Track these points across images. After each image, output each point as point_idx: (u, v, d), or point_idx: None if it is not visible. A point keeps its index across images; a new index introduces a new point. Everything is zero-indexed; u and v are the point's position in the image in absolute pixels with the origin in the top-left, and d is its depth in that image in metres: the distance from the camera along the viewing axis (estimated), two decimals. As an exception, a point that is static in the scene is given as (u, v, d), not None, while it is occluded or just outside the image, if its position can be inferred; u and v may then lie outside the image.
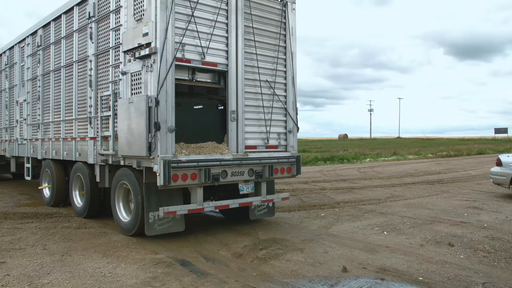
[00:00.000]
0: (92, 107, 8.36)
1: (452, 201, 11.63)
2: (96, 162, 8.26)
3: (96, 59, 8.29)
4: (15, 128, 12.74)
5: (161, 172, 6.30)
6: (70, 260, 6.13)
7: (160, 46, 6.37)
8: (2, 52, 13.86)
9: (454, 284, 5.27)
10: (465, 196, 12.56)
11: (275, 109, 7.96)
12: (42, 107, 10.81)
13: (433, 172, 20.58)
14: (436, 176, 18.49)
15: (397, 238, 7.55)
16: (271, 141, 7.91)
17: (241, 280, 5.32)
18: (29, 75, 11.60)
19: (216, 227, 8.35)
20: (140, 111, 6.58)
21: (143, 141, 6.53)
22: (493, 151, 39.13)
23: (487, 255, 6.51)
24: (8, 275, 5.48)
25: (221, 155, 7.04)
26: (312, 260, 6.19)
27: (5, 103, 13.63)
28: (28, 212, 9.83)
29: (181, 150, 6.66)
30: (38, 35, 10.88)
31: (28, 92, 11.66)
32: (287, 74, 8.18)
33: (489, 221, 8.98)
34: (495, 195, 12.84)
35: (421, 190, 14.12)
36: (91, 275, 5.47)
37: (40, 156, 10.95)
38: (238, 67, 7.37)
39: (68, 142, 9.44)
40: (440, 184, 15.63)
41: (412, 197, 12.44)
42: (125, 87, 7.19)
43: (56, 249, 6.72)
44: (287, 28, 8.15)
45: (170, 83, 6.47)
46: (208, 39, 6.97)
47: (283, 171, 8.02)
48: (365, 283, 5.27)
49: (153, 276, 5.45)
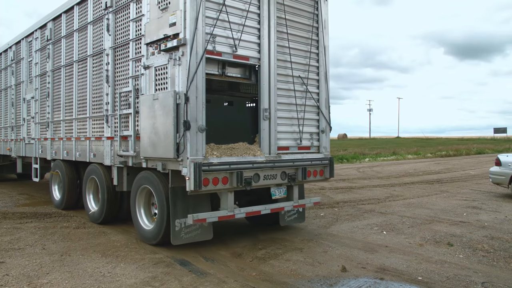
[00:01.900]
0: (109, 105, 7.76)
1: (451, 201, 11.61)
2: (113, 164, 7.66)
3: (113, 53, 7.69)
4: (22, 126, 12.13)
5: (191, 176, 5.70)
6: (69, 260, 6.10)
7: (190, 37, 5.77)
8: (8, 47, 13.23)
9: (453, 283, 5.27)
10: (464, 196, 12.54)
11: (308, 107, 7.37)
12: (52, 104, 10.21)
13: (432, 171, 20.54)
14: (435, 176, 18.48)
15: (396, 237, 7.55)
16: (304, 141, 7.32)
17: (241, 280, 5.30)
18: (37, 71, 11.00)
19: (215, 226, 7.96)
20: (166, 108, 5.99)
21: (170, 141, 5.93)
22: (492, 150, 39.63)
23: (486, 255, 6.51)
24: (7, 275, 5.45)
25: (253, 157, 6.45)
26: (312, 259, 6.17)
27: (11, 101, 13.01)
28: (27, 212, 9.70)
29: (212, 151, 6.07)
30: (48, 29, 10.27)
31: (36, 89, 11.05)
32: (320, 69, 7.58)
33: (488, 220, 8.96)
34: (494, 194, 12.82)
35: (420, 189, 14.08)
36: (90, 275, 5.46)
37: (49, 157, 10.35)
38: (270, 62, 6.78)
39: (81, 142, 8.84)
40: (439, 184, 15.58)
41: (411, 196, 12.39)
42: (148, 82, 6.60)
43: (55, 249, 6.67)
44: (319, 21, 7.56)
45: (201, 78, 5.88)
46: (240, 31, 6.38)
47: (316, 174, 7.43)
48: (364, 282, 5.26)
49: (152, 275, 5.43)
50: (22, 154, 12.19)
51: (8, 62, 13.30)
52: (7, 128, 13.49)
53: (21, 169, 13.01)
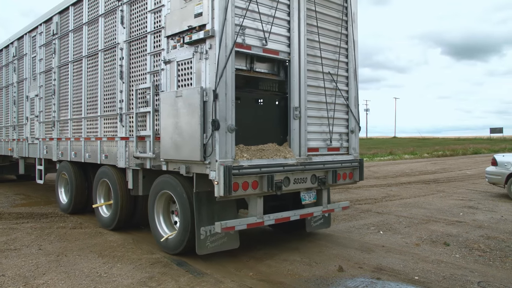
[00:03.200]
0: (123, 102, 7.25)
1: (448, 201, 11.63)
2: (128, 166, 7.15)
3: (128, 47, 7.17)
4: (25, 126, 11.57)
5: (220, 180, 5.20)
6: (66, 260, 6.06)
7: (219, 28, 5.27)
8: (10, 43, 12.65)
9: (450, 283, 5.27)
10: (461, 196, 12.57)
11: (337, 106, 6.89)
12: (58, 102, 9.67)
13: (429, 171, 20.52)
14: (431, 176, 18.48)
15: (393, 237, 7.55)
16: (334, 142, 6.84)
17: (237, 280, 5.28)
18: (42, 67, 10.45)
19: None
20: (192, 106, 5.48)
21: (196, 142, 5.44)
22: (489, 150, 39.90)
23: (483, 254, 6.54)
24: (3, 276, 5.41)
25: (284, 159, 5.96)
26: (308, 259, 6.15)
27: (13, 99, 12.44)
28: (23, 212, 9.59)
29: (241, 153, 5.57)
30: (54, 22, 9.73)
31: (40, 86, 10.50)
32: (349, 65, 7.10)
33: (484, 220, 8.99)
34: (491, 194, 12.86)
35: (417, 189, 14.10)
36: (87, 275, 5.44)
37: (55, 158, 9.81)
38: (301, 56, 6.29)
39: (91, 143, 8.31)
40: (435, 184, 15.59)
41: (408, 196, 12.39)
42: (169, 78, 6.09)
43: (51, 249, 6.62)
44: (349, 14, 7.07)
45: (230, 73, 5.38)
46: (270, 23, 5.88)
47: (345, 176, 6.95)
48: (361, 282, 5.24)
49: (149, 276, 5.41)
50: (25, 154, 11.63)
51: (9, 58, 12.73)
52: (9, 128, 12.92)
53: (24, 170, 12.44)
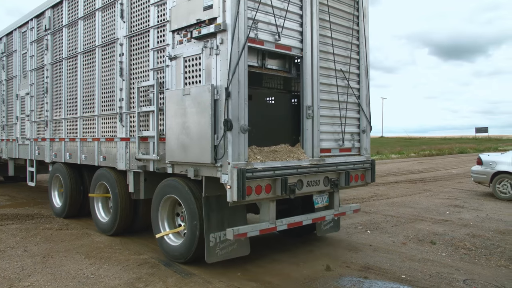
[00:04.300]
0: (123, 101, 6.86)
1: (434, 200, 11.75)
2: (129, 169, 6.77)
3: (129, 42, 6.78)
4: (15, 125, 11.06)
5: (233, 184, 4.87)
6: (52, 261, 5.98)
7: (231, 21, 4.93)
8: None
9: (436, 281, 5.35)
10: (447, 195, 12.75)
11: (349, 105, 6.60)
12: (50, 101, 9.22)
13: (416, 171, 20.72)
14: (418, 175, 18.66)
15: (380, 236, 7.59)
16: (346, 142, 6.55)
17: (225, 280, 5.26)
18: (33, 64, 9.97)
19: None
20: (202, 105, 5.14)
21: (206, 144, 5.09)
22: (474, 150, 40.61)
23: (468, 253, 6.65)
24: None
25: (298, 161, 5.64)
26: (297, 259, 6.15)
27: (2, 97, 11.91)
28: (8, 213, 9.39)
29: (254, 155, 5.24)
30: (46, 17, 9.27)
31: (32, 84, 10.03)
32: (361, 63, 6.82)
33: (470, 219, 9.14)
34: (476, 193, 13.05)
35: (404, 189, 14.17)
36: (73, 276, 5.38)
37: (48, 159, 9.36)
38: (313, 53, 5.98)
39: (87, 143, 7.89)
40: (422, 183, 15.73)
41: (395, 196, 12.47)
42: (175, 75, 5.73)
43: (37, 250, 6.53)
44: (360, 8, 6.78)
45: (243, 70, 5.04)
46: (283, 17, 5.56)
47: (357, 178, 6.67)
48: (348, 281, 5.27)
49: (136, 276, 5.38)
50: (15, 155, 11.12)
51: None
52: (-3, 127, 12.38)
53: (13, 172, 11.92)
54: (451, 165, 24.27)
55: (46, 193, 11.81)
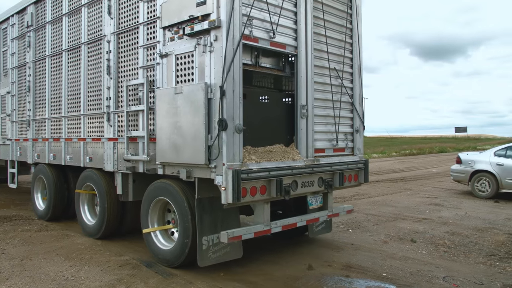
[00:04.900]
0: (111, 100, 6.63)
1: (415, 198, 11.91)
2: (117, 170, 6.54)
3: (116, 39, 6.56)
4: (-5, 125, 10.67)
5: (228, 185, 4.72)
6: (31, 264, 5.89)
7: (226, 18, 4.78)
8: None
9: (416, 279, 5.43)
10: (427, 193, 12.92)
11: (342, 104, 6.51)
12: (33, 100, 8.90)
13: (397, 170, 20.97)
14: (399, 174, 18.85)
15: (361, 235, 7.68)
16: (340, 142, 6.46)
17: (208, 281, 5.23)
18: (14, 62, 9.62)
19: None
20: (195, 104, 4.97)
21: (199, 144, 4.93)
22: (454, 149, 41.32)
23: (448, 250, 6.74)
24: None
25: (293, 161, 5.52)
26: (280, 258, 6.18)
27: (-19, 96, 11.47)
28: None
29: (249, 156, 5.10)
30: (28, 13, 8.94)
31: (13, 83, 9.67)
32: (354, 61, 6.74)
33: (449, 217, 9.27)
34: (455, 192, 13.25)
35: (385, 188, 14.25)
36: (53, 279, 5.30)
37: (31, 160, 9.03)
38: (308, 51, 5.87)
39: (73, 144, 7.63)
40: (403, 182, 15.89)
41: (376, 195, 12.52)
42: (166, 73, 5.55)
43: (15, 253, 6.42)
44: (353, 6, 6.71)
45: (238, 68, 4.90)
46: (277, 14, 5.43)
47: (351, 179, 6.60)
48: (330, 280, 5.32)
49: (117, 278, 5.32)
50: (-5, 156, 10.73)
51: (-24, 52, 11.74)
52: (-24, 127, 11.93)
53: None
54: (431, 164, 24.59)
55: (25, 195, 11.48)
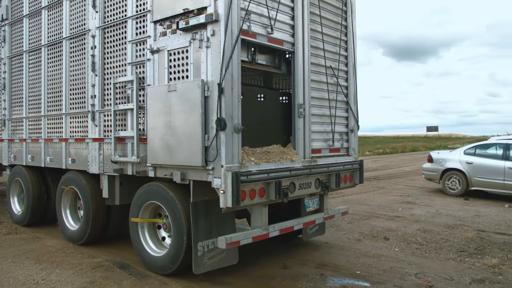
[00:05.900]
0: (96, 98, 6.27)
1: (388, 197, 12.02)
2: (102, 172, 6.19)
3: (102, 34, 6.20)
4: (-34, 125, 10.05)
5: (227, 189, 4.48)
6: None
7: (225, 11, 4.53)
8: None
9: (389, 276, 5.53)
10: (400, 192, 13.11)
11: (338, 103, 6.36)
12: (9, 98, 8.40)
13: (370, 169, 20.99)
14: (372, 173, 18.93)
15: (336, 234, 7.73)
16: (335, 142, 6.30)
17: (182, 282, 5.19)
18: (-13, 58, 9.07)
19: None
20: (190, 102, 4.70)
21: (196, 145, 4.67)
22: (425, 148, 42.09)
23: (419, 247, 6.88)
24: None
25: (291, 162, 5.32)
26: (257, 258, 6.19)
27: (-50, 94, 10.81)
28: None
29: (248, 157, 4.86)
30: (3, 6, 8.43)
31: (-14, 80, 9.12)
32: (349, 59, 6.59)
33: (421, 215, 9.45)
34: (427, 190, 13.46)
35: (359, 186, 15.75)
36: (22, 283, 5.20)
37: (6, 162, 8.53)
38: (304, 48, 5.67)
39: (53, 145, 7.21)
40: (376, 181, 16.02)
41: (350, 193, 12.55)
42: (158, 70, 5.26)
43: None
44: (348, 3, 6.56)
45: (236, 64, 4.65)
46: (275, 8, 5.21)
47: (346, 179, 6.46)
48: (305, 278, 5.36)
49: (90, 280, 5.24)
50: (-33, 158, 10.11)
51: None
52: None
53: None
54: (404, 163, 24.94)
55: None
